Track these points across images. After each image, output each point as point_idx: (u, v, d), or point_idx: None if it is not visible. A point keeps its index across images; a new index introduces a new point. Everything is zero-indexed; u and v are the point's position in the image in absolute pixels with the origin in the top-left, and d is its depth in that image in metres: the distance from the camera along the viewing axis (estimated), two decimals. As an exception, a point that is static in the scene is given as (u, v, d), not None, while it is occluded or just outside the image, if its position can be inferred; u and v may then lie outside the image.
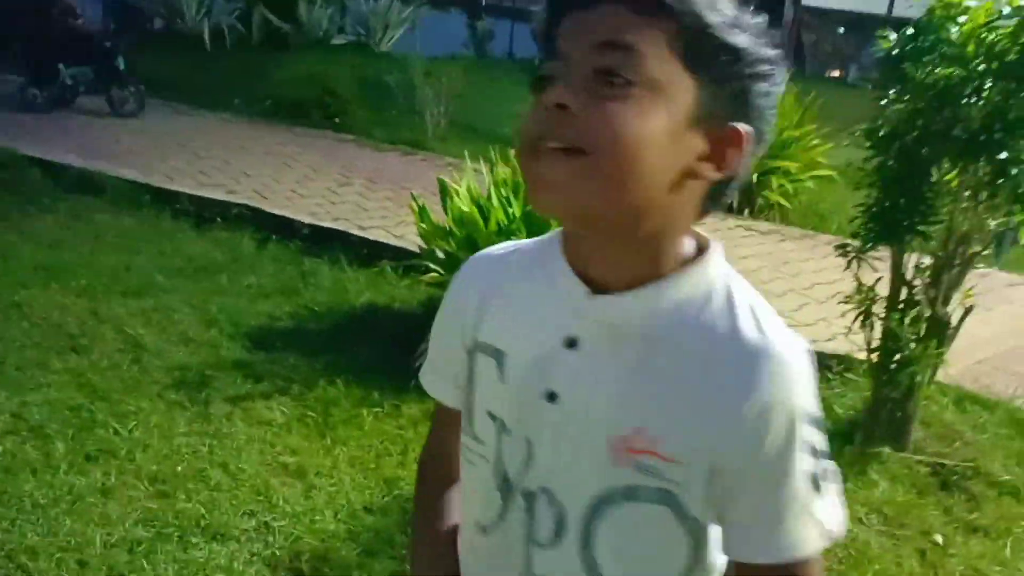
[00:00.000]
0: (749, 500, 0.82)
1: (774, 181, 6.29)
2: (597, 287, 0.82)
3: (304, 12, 11.97)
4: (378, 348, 3.70)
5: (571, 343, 0.84)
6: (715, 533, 0.86)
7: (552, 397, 0.84)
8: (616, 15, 0.74)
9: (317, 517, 2.63)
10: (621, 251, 0.81)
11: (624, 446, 0.82)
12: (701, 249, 0.84)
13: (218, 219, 5.10)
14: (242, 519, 2.59)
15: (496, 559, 0.93)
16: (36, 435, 2.91)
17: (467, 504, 0.99)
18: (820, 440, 0.83)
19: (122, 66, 7.53)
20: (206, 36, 11.26)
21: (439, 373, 1.00)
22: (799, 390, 0.81)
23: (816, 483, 0.82)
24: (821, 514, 0.83)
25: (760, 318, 0.82)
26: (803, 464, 0.81)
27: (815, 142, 6.43)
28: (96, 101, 7.71)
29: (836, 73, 16.56)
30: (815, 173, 6.40)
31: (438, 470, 1.05)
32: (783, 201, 6.37)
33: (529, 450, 0.87)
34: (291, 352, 3.63)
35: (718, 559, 0.87)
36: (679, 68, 0.75)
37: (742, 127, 0.78)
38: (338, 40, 12.62)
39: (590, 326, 0.83)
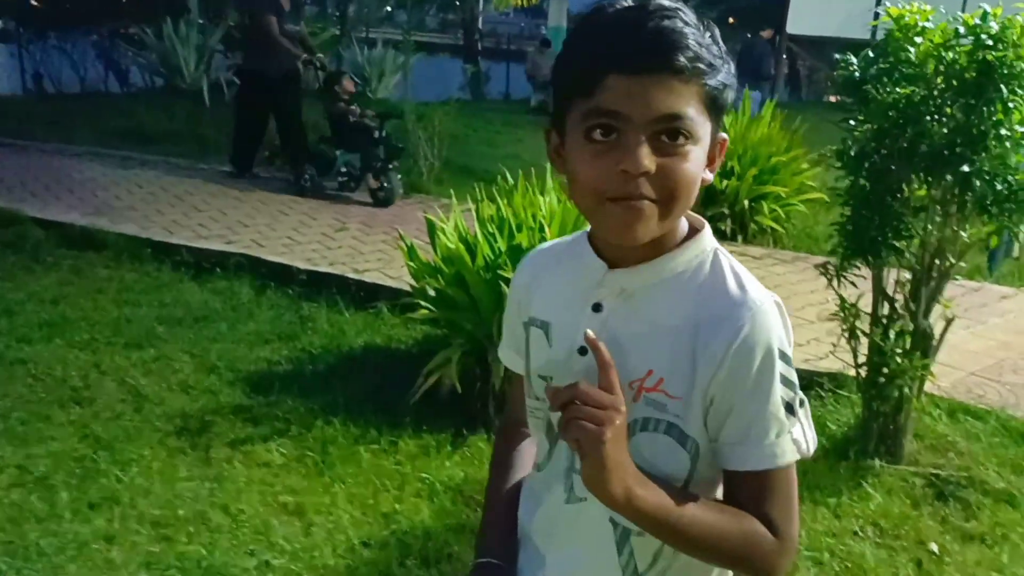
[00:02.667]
0: (737, 422, 1.02)
1: (765, 206, 6.38)
2: (613, 264, 1.05)
3: (300, 64, 12.18)
4: (374, 387, 3.77)
5: (596, 307, 1.06)
6: (709, 452, 1.05)
7: (583, 351, 1.05)
8: (667, 84, 0.92)
9: (316, 554, 2.68)
10: (651, 248, 1.03)
11: (640, 387, 1.03)
12: (693, 228, 1.07)
13: (217, 269, 5.19)
14: (243, 558, 2.64)
15: (546, 488, 1.15)
16: (41, 486, 2.98)
17: (534, 451, 1.23)
18: (791, 374, 1.03)
19: (383, 154, 7.06)
20: (205, 91, 11.48)
21: (510, 347, 1.24)
22: (773, 331, 1.01)
23: (791, 409, 1.03)
24: (796, 434, 1.03)
25: (741, 277, 1.04)
26: (779, 392, 1.01)
27: (804, 166, 6.52)
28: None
29: (833, 99, 16.73)
30: (806, 197, 6.49)
31: (513, 431, 1.30)
32: (775, 225, 6.45)
33: None
34: (289, 395, 3.69)
35: (713, 473, 1.07)
36: (706, 118, 0.96)
37: (723, 135, 1.02)
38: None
39: (609, 293, 1.06)
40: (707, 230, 1.08)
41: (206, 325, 4.46)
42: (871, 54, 2.96)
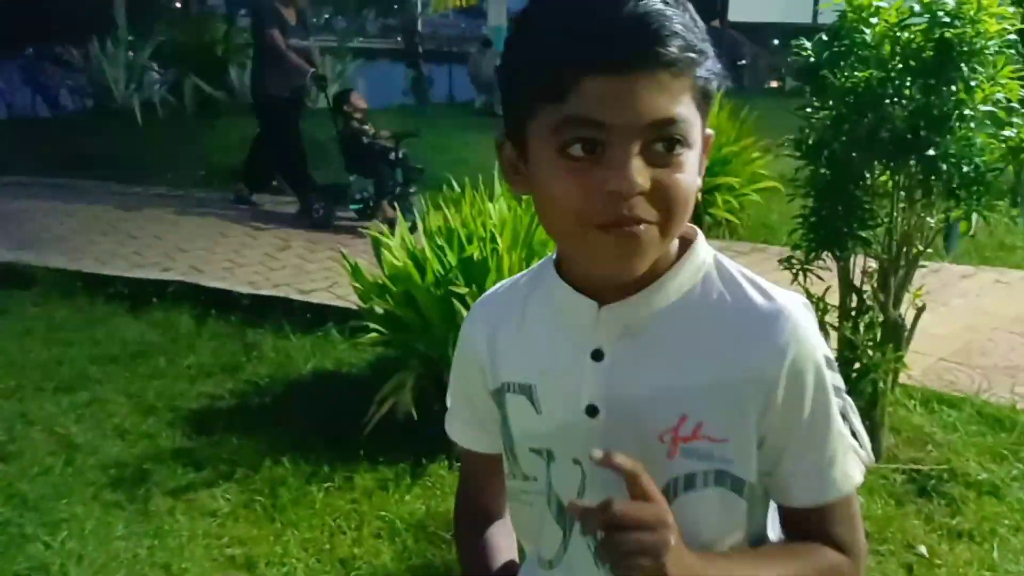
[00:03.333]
0: (797, 453, 0.87)
1: (719, 198, 6.26)
2: (599, 299, 0.88)
3: (236, 77, 11.85)
4: (325, 417, 3.55)
5: (596, 355, 0.88)
6: (762, 488, 0.90)
7: (592, 411, 0.88)
8: (657, 81, 0.75)
9: (268, 612, 2.47)
10: None
11: (674, 438, 0.86)
12: (684, 237, 0.89)
13: (154, 299, 4.91)
14: (187, 624, 2.42)
15: None
16: (-40, 559, 2.72)
17: (529, 544, 1.03)
18: (839, 379, 0.90)
19: (400, 178, 6.44)
20: (136, 110, 11.09)
21: (467, 422, 1.05)
22: (815, 340, 0.87)
23: (846, 418, 0.90)
24: (856, 447, 0.91)
25: (759, 284, 0.89)
26: (835, 407, 0.88)
27: (755, 155, 6.42)
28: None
29: (774, 84, 16.78)
30: (759, 186, 6.38)
31: (476, 516, 1.10)
32: (731, 217, 6.34)
33: (581, 471, 0.90)
34: (234, 433, 3.45)
35: (766, 507, 0.93)
36: (697, 116, 0.80)
37: (708, 131, 0.85)
38: (273, 102, 12.51)
39: (608, 335, 0.88)
40: (701, 236, 0.91)
41: (143, 361, 4.19)
42: (824, 38, 2.82)
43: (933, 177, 2.71)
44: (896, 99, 2.71)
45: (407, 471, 3.16)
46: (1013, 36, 2.60)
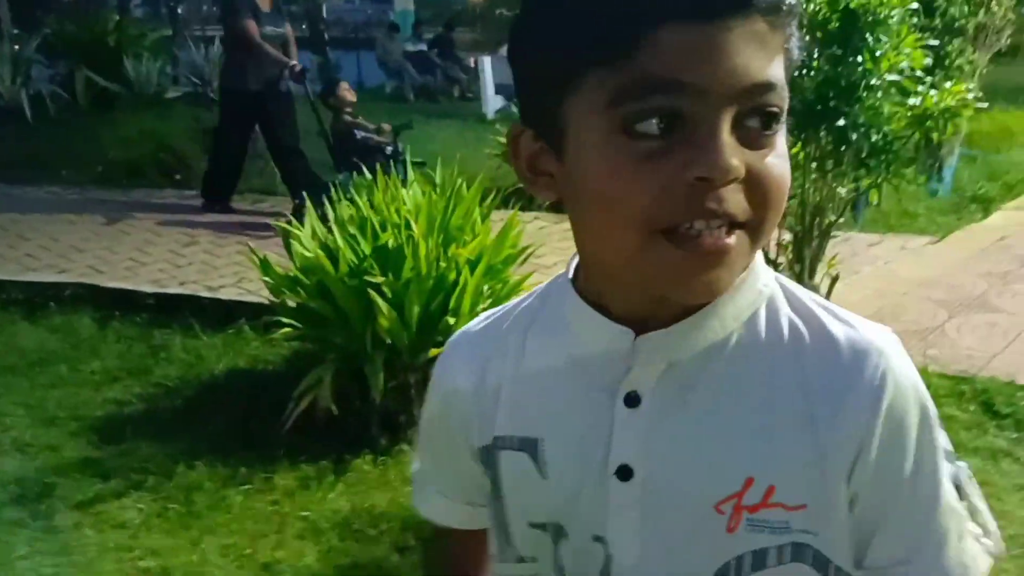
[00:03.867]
0: (899, 526, 0.68)
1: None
2: (637, 326, 0.67)
3: (131, 69, 11.35)
4: (241, 418, 3.41)
5: (631, 400, 0.68)
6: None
7: (626, 473, 0.68)
8: (756, 34, 0.57)
9: (187, 625, 2.35)
10: None
11: (736, 506, 0.66)
12: None
13: (51, 303, 4.64)
14: (99, 646, 2.28)
15: None
16: None
17: None
18: (948, 441, 0.71)
19: (400, 173, 5.81)
20: (25, 105, 10.50)
21: (442, 494, 0.84)
22: (919, 384, 0.68)
23: (960, 491, 0.70)
24: (977, 533, 0.71)
25: (836, 312, 0.70)
26: (946, 471, 0.69)
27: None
28: None
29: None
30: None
31: None
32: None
33: (605, 551, 0.71)
34: (144, 440, 3.29)
35: None
36: (786, 89, 0.61)
37: None
38: (173, 93, 12.00)
39: (647, 374, 0.68)
40: (759, 252, 0.69)
41: (43, 370, 3.95)
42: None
43: (843, 147, 2.74)
44: (804, 71, 2.73)
45: (329, 468, 3.05)
46: (915, 5, 2.64)
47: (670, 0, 0.56)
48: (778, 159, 0.60)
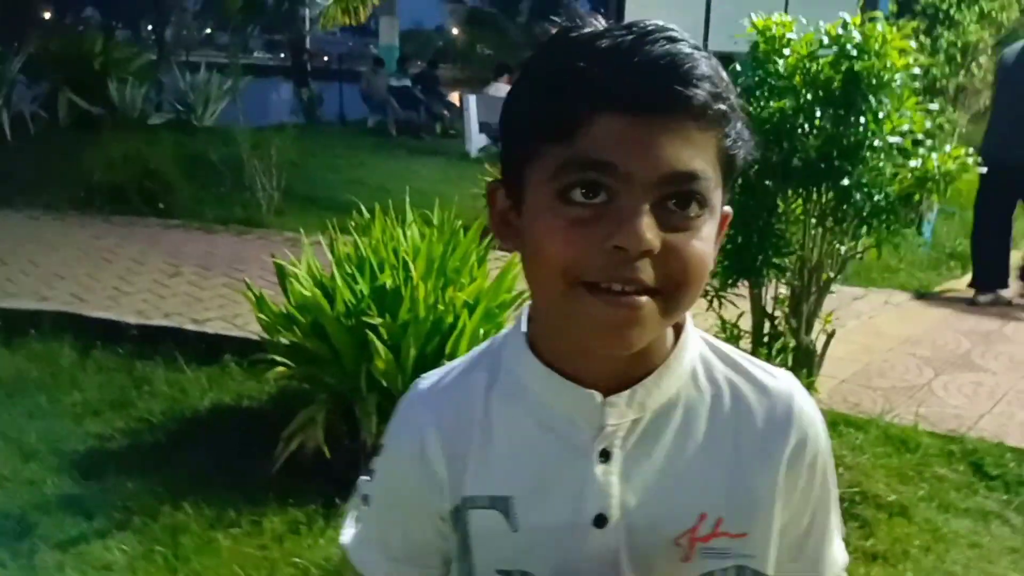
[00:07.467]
0: (814, 541, 0.85)
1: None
2: (587, 383, 0.77)
3: (115, 92, 11.30)
4: (228, 456, 3.34)
5: (603, 455, 0.77)
6: None
7: (601, 521, 0.77)
8: (682, 131, 0.67)
9: (173, 676, 2.27)
10: (638, 353, 0.74)
11: (691, 539, 0.78)
12: None
13: (31, 332, 4.54)
14: None
15: None
16: None
17: None
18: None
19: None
20: (6, 126, 10.42)
21: (395, 559, 0.87)
22: (821, 419, 0.84)
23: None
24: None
25: (756, 362, 0.83)
26: (833, 481, 0.86)
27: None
28: None
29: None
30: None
31: None
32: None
33: None
34: (128, 477, 3.20)
35: None
36: (719, 183, 0.71)
37: (727, 208, 0.76)
38: (156, 119, 11.98)
39: (615, 431, 0.77)
40: (688, 312, 0.81)
41: (21, 400, 3.85)
42: (738, 68, 2.85)
43: (844, 205, 2.77)
44: (808, 129, 2.77)
45: (319, 512, 2.99)
46: (917, 70, 2.69)
47: (610, 94, 0.66)
48: (698, 241, 0.69)
